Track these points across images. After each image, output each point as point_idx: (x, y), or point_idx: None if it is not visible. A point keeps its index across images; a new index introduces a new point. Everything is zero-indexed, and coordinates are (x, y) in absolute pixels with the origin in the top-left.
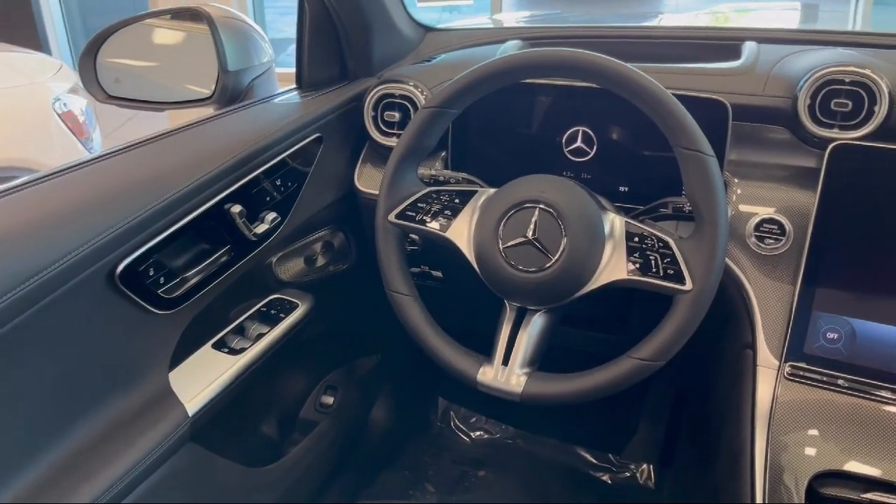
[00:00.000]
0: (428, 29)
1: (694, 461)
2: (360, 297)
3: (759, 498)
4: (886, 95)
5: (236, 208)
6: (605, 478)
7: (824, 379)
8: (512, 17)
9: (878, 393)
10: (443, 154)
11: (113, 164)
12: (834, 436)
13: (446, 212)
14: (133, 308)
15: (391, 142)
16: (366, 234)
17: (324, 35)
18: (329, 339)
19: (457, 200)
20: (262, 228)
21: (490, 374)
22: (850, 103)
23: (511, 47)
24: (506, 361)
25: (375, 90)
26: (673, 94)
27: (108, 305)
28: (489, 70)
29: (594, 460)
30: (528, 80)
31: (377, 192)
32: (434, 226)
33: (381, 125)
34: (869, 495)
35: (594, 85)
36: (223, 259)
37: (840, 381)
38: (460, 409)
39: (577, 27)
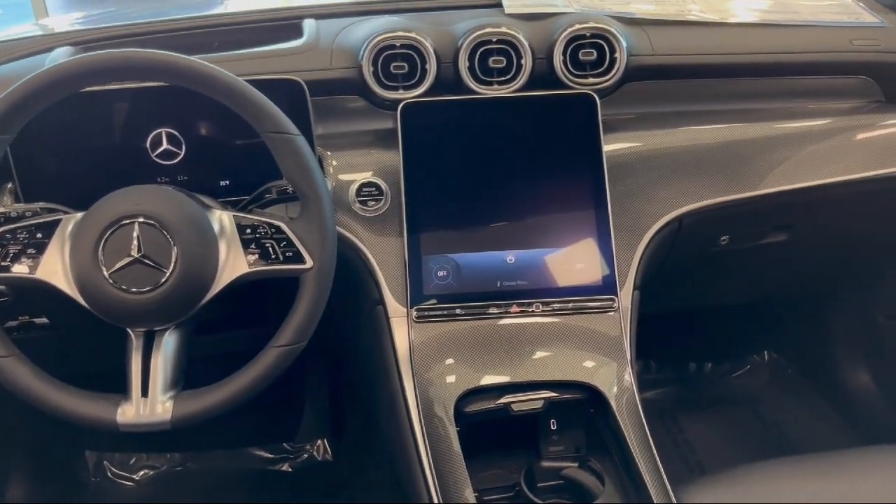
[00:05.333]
0: None
1: (361, 422)
2: None
3: (419, 435)
4: (433, 54)
5: None
6: (285, 467)
7: (445, 313)
8: (62, 21)
9: (488, 311)
10: (9, 186)
11: None
12: (466, 359)
13: (30, 250)
14: None
15: None
16: None
17: None
18: None
19: (39, 235)
20: None
21: (131, 412)
22: (406, 65)
23: (62, 55)
24: (145, 392)
25: None
26: (246, 81)
27: None
28: (36, 84)
29: (270, 455)
30: (92, 88)
31: None
32: (19, 270)
33: None
34: (503, 400)
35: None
36: None
37: (458, 311)
38: (114, 456)
39: (137, 24)
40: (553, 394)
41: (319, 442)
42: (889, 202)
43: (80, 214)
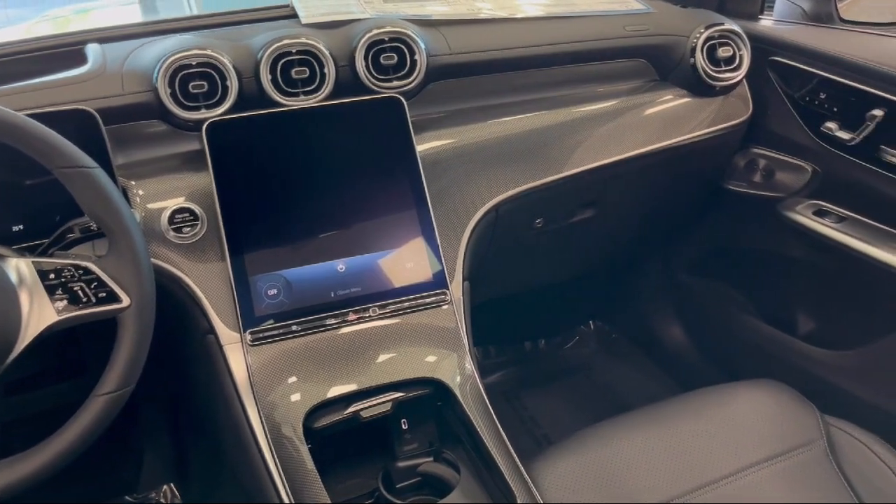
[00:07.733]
0: None
1: (208, 458)
2: None
3: (269, 460)
4: (232, 70)
5: None
6: None
7: (281, 332)
8: None
9: (325, 322)
10: None
11: None
12: (309, 375)
13: None
14: None
15: None
16: None
17: None
18: None
19: None
20: None
21: None
22: (206, 84)
23: None
24: None
25: None
26: (28, 115)
27: None
28: None
29: None
30: None
31: None
32: None
33: None
34: (351, 409)
35: None
36: None
37: (294, 327)
38: None
39: None
40: (400, 394)
41: (165, 487)
42: (670, 171)
43: None
